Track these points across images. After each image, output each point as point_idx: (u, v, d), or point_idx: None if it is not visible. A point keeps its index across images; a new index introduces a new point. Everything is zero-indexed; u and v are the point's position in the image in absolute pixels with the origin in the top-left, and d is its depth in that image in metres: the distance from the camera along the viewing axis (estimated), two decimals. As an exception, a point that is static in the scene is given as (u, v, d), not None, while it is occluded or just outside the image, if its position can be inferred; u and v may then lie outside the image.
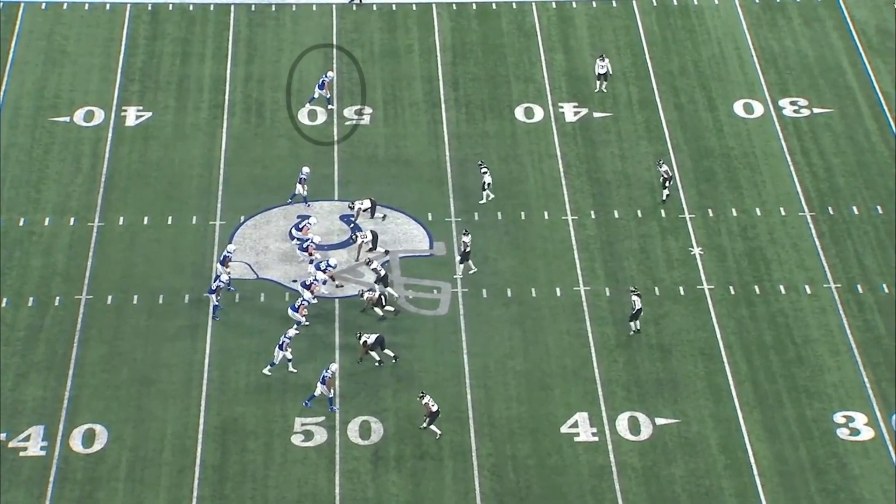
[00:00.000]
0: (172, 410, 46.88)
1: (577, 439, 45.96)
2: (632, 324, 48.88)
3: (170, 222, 53.74)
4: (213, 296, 49.48)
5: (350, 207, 53.14)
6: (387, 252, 52.14)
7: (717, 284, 51.29)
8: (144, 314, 49.94)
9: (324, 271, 50.02)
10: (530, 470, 45.08)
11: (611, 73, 53.71)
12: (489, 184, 53.80)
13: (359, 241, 51.82)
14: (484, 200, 53.92)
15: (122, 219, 53.81)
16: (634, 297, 48.75)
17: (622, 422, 46.57)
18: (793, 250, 52.71)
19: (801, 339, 49.34)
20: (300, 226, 52.24)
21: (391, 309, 49.64)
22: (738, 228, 53.61)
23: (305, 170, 54.13)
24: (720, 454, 45.56)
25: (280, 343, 47.18)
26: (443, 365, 48.38)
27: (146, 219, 53.86)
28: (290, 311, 48.95)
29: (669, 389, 47.57)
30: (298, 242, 51.79)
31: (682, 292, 51.07)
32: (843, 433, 46.28)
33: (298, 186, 53.80)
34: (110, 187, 55.21)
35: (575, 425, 46.49)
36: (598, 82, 53.59)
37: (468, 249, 50.86)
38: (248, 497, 44.29)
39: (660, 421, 46.58)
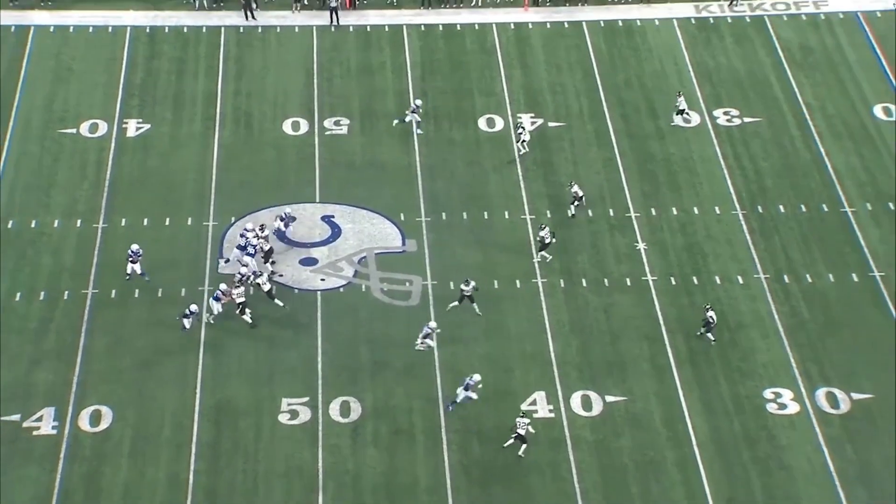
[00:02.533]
0: (171, 393, 46.79)
1: (535, 415, 46.00)
2: (709, 335, 48.39)
3: (167, 223, 53.53)
4: (217, 303, 49.14)
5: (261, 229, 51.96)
6: (360, 256, 52.11)
7: (660, 276, 51.40)
8: (145, 306, 49.73)
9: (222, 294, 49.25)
10: (494, 443, 45.10)
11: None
12: (581, 196, 53.65)
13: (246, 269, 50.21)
14: (573, 212, 53.80)
15: (123, 220, 53.58)
16: (710, 314, 48.15)
17: (575, 399, 46.63)
18: (727, 245, 52.84)
19: (734, 324, 49.50)
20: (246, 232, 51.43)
21: (250, 321, 48.93)
22: (678, 225, 53.72)
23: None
24: (663, 427, 45.73)
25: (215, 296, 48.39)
26: (415, 351, 48.25)
27: (146, 220, 53.64)
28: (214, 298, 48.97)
29: (618, 370, 47.68)
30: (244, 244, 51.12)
31: (628, 283, 51.14)
32: (771, 407, 46.51)
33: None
34: (113, 192, 54.98)
35: (533, 403, 46.54)
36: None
37: (547, 241, 50.89)
38: (240, 470, 44.24)
39: (609, 398, 46.69)
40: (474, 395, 45.62)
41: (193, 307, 47.90)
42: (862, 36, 63.52)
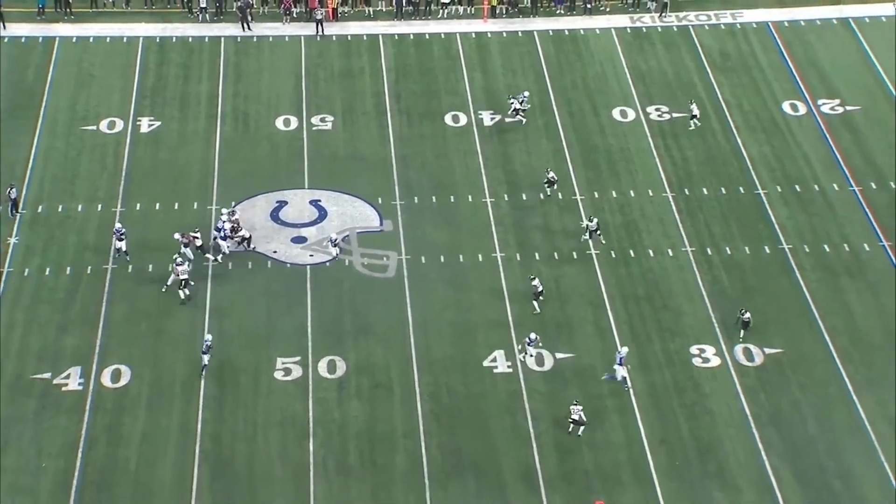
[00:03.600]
0: (181, 354, 46.56)
1: (495, 371, 46.01)
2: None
3: (176, 207, 53.15)
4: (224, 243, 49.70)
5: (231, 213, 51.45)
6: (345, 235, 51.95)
7: (602, 250, 51.38)
8: (157, 279, 49.35)
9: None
10: (460, 395, 45.11)
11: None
12: (555, 180, 53.35)
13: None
14: (548, 193, 53.45)
15: (138, 205, 53.18)
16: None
17: (530, 357, 46.64)
18: (658, 223, 52.88)
19: (665, 290, 49.58)
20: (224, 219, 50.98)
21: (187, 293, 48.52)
22: (617, 206, 53.69)
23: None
24: (606, 380, 45.71)
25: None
26: (392, 317, 48.21)
27: (157, 205, 53.25)
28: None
29: (566, 331, 47.69)
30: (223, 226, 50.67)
31: (575, 256, 51.12)
32: (697, 361, 46.64)
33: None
34: (129, 181, 54.55)
35: (494, 360, 46.53)
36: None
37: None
38: (241, 420, 44.09)
39: (559, 355, 46.69)
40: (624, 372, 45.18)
41: (208, 338, 46.21)
42: (772, 42, 63.59)
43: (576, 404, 43.65)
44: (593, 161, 56.18)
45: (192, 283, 48.56)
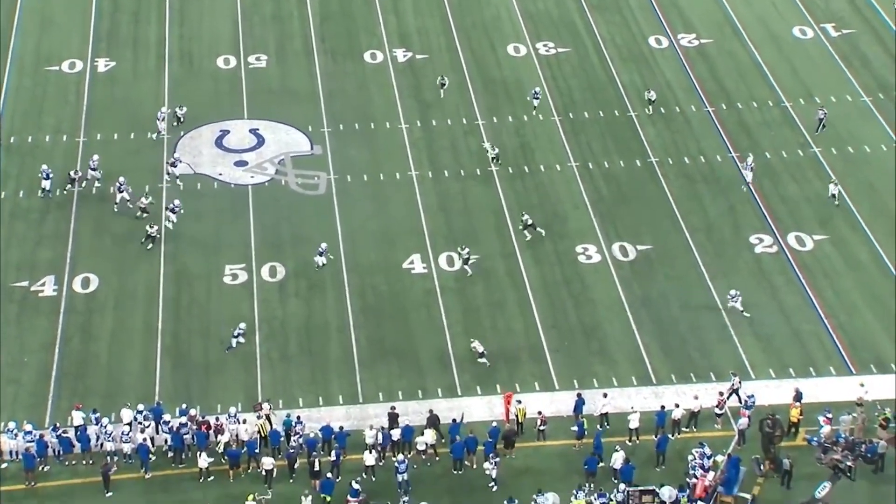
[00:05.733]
0: (142, 263, 45.55)
1: (413, 272, 45.76)
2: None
3: (132, 137, 51.61)
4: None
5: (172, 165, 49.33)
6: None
7: (501, 167, 51.04)
8: (118, 200, 47.98)
9: None
10: (383, 293, 44.86)
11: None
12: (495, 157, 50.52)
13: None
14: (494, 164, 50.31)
15: (98, 135, 51.55)
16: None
17: (442, 259, 46.41)
18: (548, 142, 52.62)
19: (554, 199, 49.49)
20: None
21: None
22: (513, 129, 53.28)
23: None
24: (506, 277, 45.79)
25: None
26: (323, 228, 47.53)
27: (115, 135, 51.65)
28: None
29: (471, 236, 47.37)
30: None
31: (478, 173, 50.75)
32: (582, 259, 46.77)
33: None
34: (90, 115, 52.80)
35: (412, 263, 46.23)
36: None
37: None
38: (196, 318, 43.43)
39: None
40: None
41: (243, 325, 42.62)
42: (641, -13, 63.15)
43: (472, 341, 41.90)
44: (492, 91, 55.50)
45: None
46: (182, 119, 51.69)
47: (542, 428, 38.86)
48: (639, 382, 41.47)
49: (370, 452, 37.63)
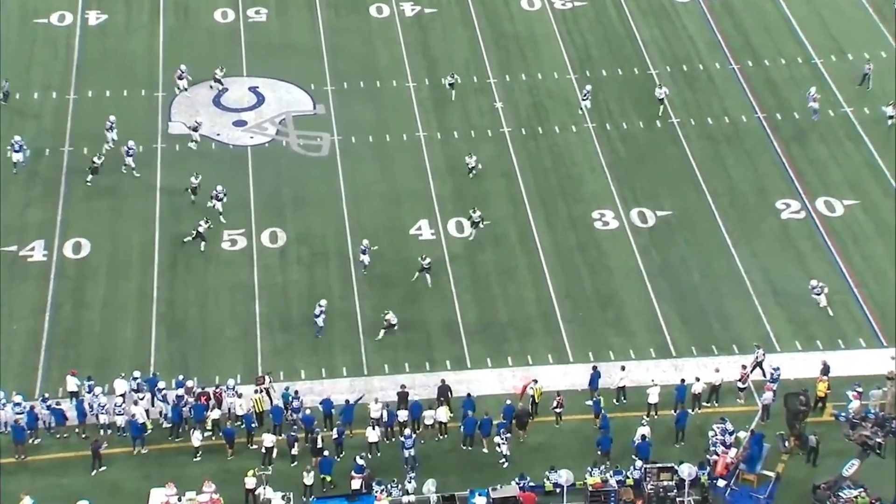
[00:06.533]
0: (137, 228, 44.86)
1: (420, 238, 44.93)
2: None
3: (125, 94, 50.79)
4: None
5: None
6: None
7: (513, 128, 50.10)
8: (111, 160, 47.06)
9: None
10: (388, 260, 44.01)
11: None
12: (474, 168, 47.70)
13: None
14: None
15: (90, 92, 50.74)
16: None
17: (451, 225, 45.56)
18: (563, 103, 51.57)
19: (570, 162, 48.59)
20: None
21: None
22: (526, 88, 52.22)
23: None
24: (518, 243, 44.99)
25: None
26: (326, 191, 46.70)
27: (108, 92, 50.84)
28: None
29: (482, 201, 46.44)
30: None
31: (489, 134, 49.82)
32: (598, 224, 45.94)
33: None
34: (81, 70, 51.93)
35: (419, 228, 45.37)
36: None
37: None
38: (192, 286, 42.73)
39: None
40: None
41: (323, 301, 40.92)
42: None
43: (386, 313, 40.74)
44: (504, 47, 54.42)
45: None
46: (221, 81, 50.51)
47: (558, 410, 38.12)
48: (657, 355, 40.70)
49: (373, 429, 36.98)
